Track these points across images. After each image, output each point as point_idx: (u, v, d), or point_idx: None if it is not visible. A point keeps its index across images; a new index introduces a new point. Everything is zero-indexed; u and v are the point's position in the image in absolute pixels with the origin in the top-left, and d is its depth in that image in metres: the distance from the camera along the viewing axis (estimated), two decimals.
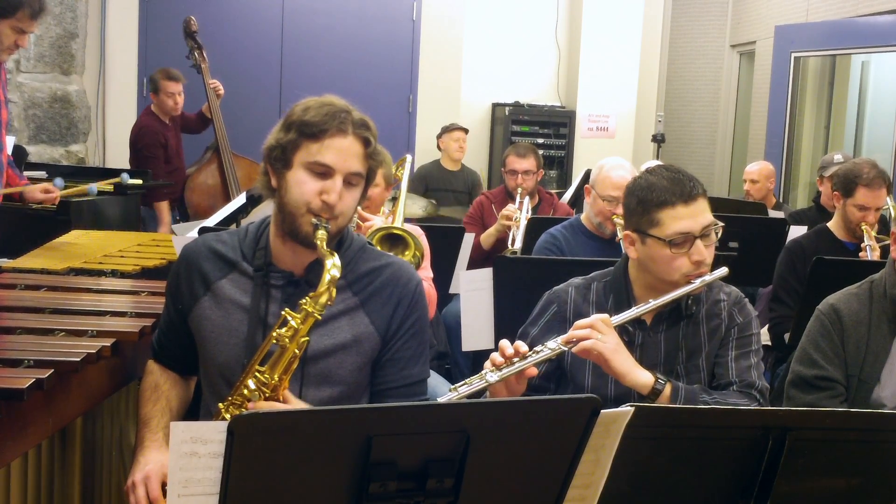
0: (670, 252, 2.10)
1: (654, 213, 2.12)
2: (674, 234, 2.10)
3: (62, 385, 1.84)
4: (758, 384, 2.16)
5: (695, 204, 2.12)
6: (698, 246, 2.11)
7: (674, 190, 2.11)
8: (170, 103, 5.48)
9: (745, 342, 2.20)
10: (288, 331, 1.80)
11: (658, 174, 2.17)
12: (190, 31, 5.58)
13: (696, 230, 2.11)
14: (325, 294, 1.79)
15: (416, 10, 7.21)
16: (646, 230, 2.14)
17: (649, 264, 2.17)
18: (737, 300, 2.24)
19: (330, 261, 1.80)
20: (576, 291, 2.27)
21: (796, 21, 7.68)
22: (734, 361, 2.18)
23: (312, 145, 1.85)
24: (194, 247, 2.02)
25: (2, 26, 3.12)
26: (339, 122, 1.85)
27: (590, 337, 2.05)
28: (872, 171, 3.57)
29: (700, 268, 2.12)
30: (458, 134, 6.44)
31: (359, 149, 1.88)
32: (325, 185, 1.85)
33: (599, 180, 3.53)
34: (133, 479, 1.86)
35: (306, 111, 1.87)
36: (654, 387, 2.05)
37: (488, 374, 1.96)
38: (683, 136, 9.06)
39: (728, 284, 2.27)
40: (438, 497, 1.37)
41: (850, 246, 3.70)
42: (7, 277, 2.62)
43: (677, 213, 2.10)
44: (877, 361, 2.30)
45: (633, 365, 2.07)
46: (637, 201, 2.17)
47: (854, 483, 1.61)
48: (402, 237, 3.00)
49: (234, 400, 1.86)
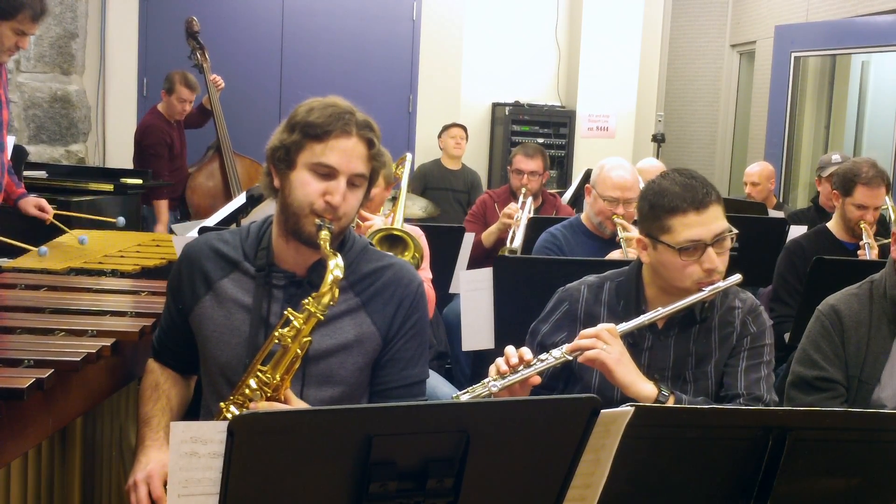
0: (681, 259, 2.07)
1: (664, 220, 2.09)
2: (684, 242, 2.07)
3: (62, 385, 1.84)
4: (766, 398, 2.12)
5: (707, 212, 2.08)
6: (710, 254, 2.07)
7: (685, 196, 2.08)
8: (178, 108, 5.48)
9: (757, 353, 2.16)
10: (290, 331, 1.80)
11: (671, 179, 2.13)
12: (192, 31, 5.59)
13: (707, 238, 2.07)
14: (328, 294, 1.79)
15: (416, 10, 7.21)
16: (657, 236, 2.11)
17: (660, 270, 2.14)
18: (752, 308, 2.20)
19: (333, 261, 1.80)
20: (588, 290, 2.26)
21: (796, 21, 7.68)
22: (743, 373, 2.14)
23: (316, 146, 1.85)
24: (196, 246, 2.02)
25: (3, 28, 3.13)
26: (343, 124, 1.85)
27: (594, 347, 2.04)
28: (871, 171, 3.58)
29: (712, 276, 2.09)
30: (455, 131, 6.49)
31: (362, 150, 1.88)
32: (328, 186, 1.85)
33: (600, 180, 3.53)
34: (135, 478, 1.86)
35: (310, 112, 1.87)
36: (657, 399, 2.03)
37: (491, 383, 1.95)
38: (683, 136, 9.06)
39: (745, 291, 2.23)
40: (438, 497, 1.37)
41: (849, 246, 3.70)
42: (7, 277, 2.62)
43: (688, 220, 2.07)
44: (877, 362, 2.30)
45: (636, 377, 2.05)
46: (649, 206, 2.14)
47: (854, 483, 1.61)
48: (401, 238, 3.00)
49: (236, 399, 1.86)
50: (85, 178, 5.03)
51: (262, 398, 1.82)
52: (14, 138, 3.87)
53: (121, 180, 4.94)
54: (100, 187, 4.80)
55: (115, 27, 6.64)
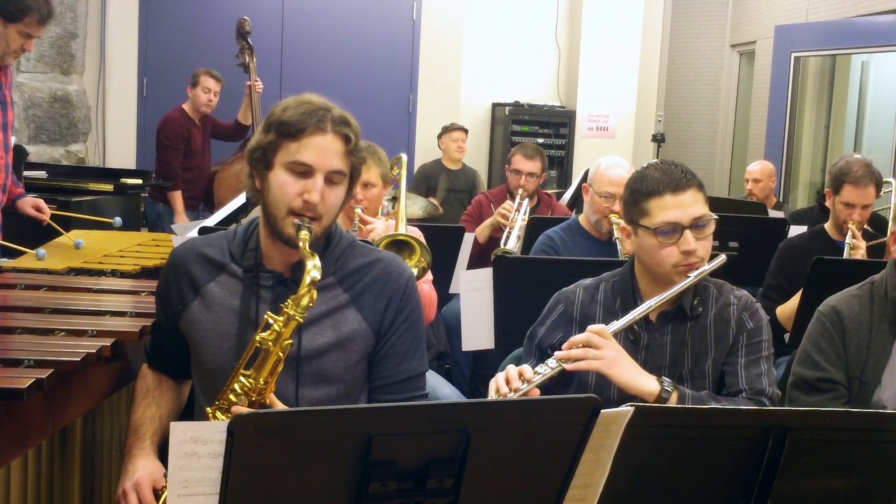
0: (657, 241, 2.10)
1: (643, 203, 2.13)
2: (661, 224, 2.09)
3: (62, 385, 1.84)
4: (768, 391, 2.12)
5: (684, 194, 2.10)
6: (687, 236, 2.09)
7: (663, 180, 2.11)
8: (203, 98, 5.50)
9: (755, 348, 2.16)
10: (271, 334, 1.79)
11: (653, 167, 2.18)
12: (243, 31, 5.73)
13: (684, 220, 2.09)
14: (306, 296, 1.78)
15: (416, 10, 7.21)
16: (637, 220, 2.15)
17: (642, 256, 2.17)
18: (747, 305, 2.20)
19: (311, 262, 1.78)
20: (584, 292, 2.26)
21: (796, 21, 7.68)
22: (744, 369, 2.14)
23: (291, 145, 1.83)
24: (182, 251, 2.01)
25: (10, 31, 3.14)
26: (317, 120, 1.83)
27: (584, 357, 2.03)
28: (861, 170, 3.59)
29: (690, 258, 2.10)
30: (457, 134, 6.48)
31: (339, 146, 1.86)
32: (305, 185, 1.83)
33: (597, 178, 3.54)
34: (123, 486, 1.86)
35: (285, 111, 1.86)
36: (660, 394, 2.02)
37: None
38: (683, 136, 9.06)
39: (740, 289, 2.24)
40: (438, 497, 1.37)
41: (842, 245, 3.69)
42: (7, 277, 2.62)
43: (665, 202, 2.10)
44: (878, 363, 2.29)
45: (636, 373, 2.05)
46: (630, 192, 2.19)
47: (854, 483, 1.61)
48: (407, 243, 2.98)
49: (222, 404, 1.85)
50: (85, 178, 5.04)
51: (246, 403, 1.81)
52: (14, 138, 3.87)
53: (121, 180, 4.95)
54: (100, 187, 4.80)
55: (115, 27, 6.65)
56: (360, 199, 3.07)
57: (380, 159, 3.14)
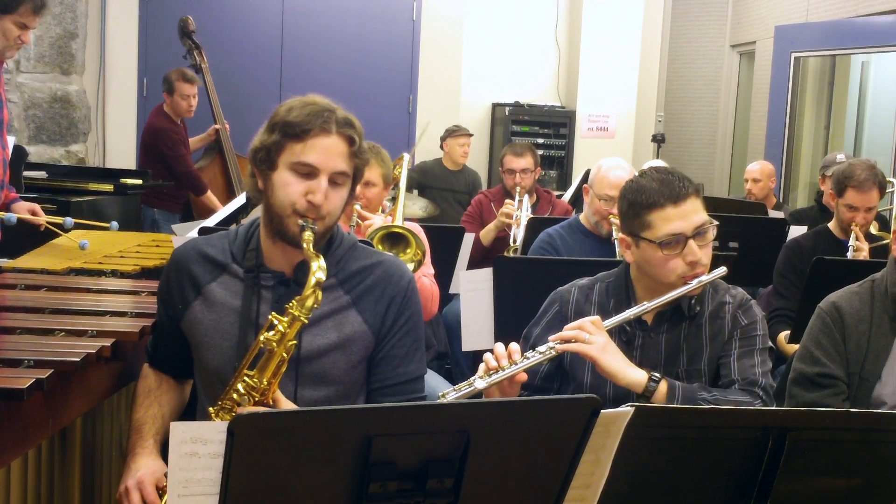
0: (662, 254, 2.09)
1: (644, 216, 2.11)
2: (664, 236, 2.08)
3: (62, 385, 1.84)
4: (761, 381, 2.13)
5: (685, 204, 2.09)
6: (691, 246, 2.09)
7: (662, 191, 2.10)
8: (184, 105, 5.44)
9: (749, 341, 2.17)
10: (275, 335, 1.79)
11: (648, 176, 2.15)
12: (187, 30, 5.54)
13: (687, 231, 2.09)
14: (310, 297, 1.78)
15: (416, 10, 7.21)
16: (638, 233, 2.13)
17: (645, 267, 2.16)
18: (742, 303, 2.21)
19: (315, 263, 1.78)
20: (579, 291, 2.27)
21: (796, 21, 7.68)
22: (737, 360, 2.15)
23: (296, 146, 1.84)
24: (183, 251, 2.01)
25: (5, 22, 3.12)
26: (322, 122, 1.84)
27: (577, 339, 2.04)
28: (864, 174, 3.58)
29: (695, 268, 2.10)
30: (464, 139, 6.42)
31: (343, 148, 1.86)
32: (310, 186, 1.83)
33: (597, 180, 3.54)
34: (125, 484, 1.86)
35: (289, 111, 1.86)
36: (647, 385, 2.03)
37: (476, 381, 1.95)
38: (683, 136, 9.06)
39: (735, 287, 2.25)
40: (438, 497, 1.37)
41: (848, 245, 3.70)
42: (7, 277, 2.62)
43: (667, 214, 2.08)
44: (878, 359, 2.30)
45: (623, 364, 2.06)
46: (628, 205, 2.17)
47: (854, 483, 1.61)
48: (402, 235, 3.00)
49: (225, 404, 1.85)
50: (85, 179, 5.02)
51: (249, 402, 1.81)
52: (14, 138, 3.86)
53: (121, 180, 4.94)
54: (100, 187, 4.79)
55: (115, 27, 6.64)
56: (360, 197, 3.08)
57: (382, 160, 3.15)
